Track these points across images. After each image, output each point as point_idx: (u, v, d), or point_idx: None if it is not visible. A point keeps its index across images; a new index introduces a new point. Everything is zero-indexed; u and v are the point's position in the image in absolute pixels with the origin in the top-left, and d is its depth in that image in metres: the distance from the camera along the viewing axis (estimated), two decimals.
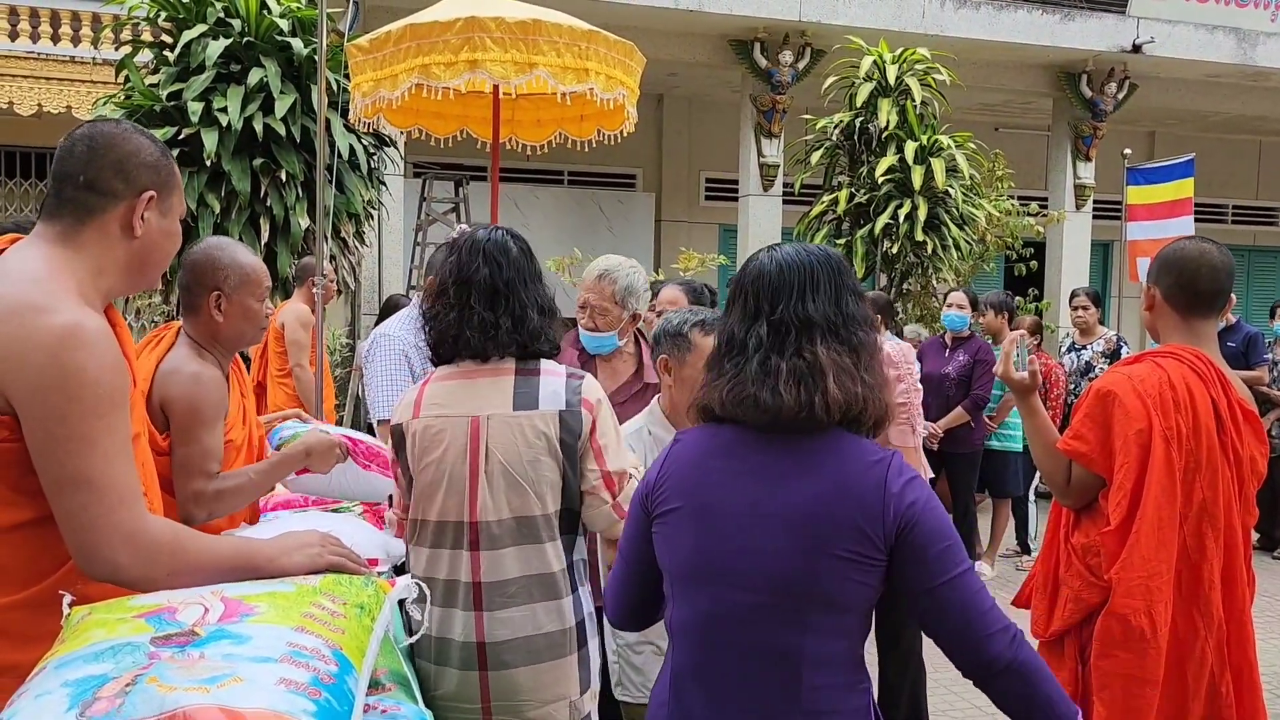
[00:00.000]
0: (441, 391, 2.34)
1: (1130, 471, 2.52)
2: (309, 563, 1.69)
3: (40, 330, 1.54)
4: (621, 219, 12.49)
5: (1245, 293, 13.93)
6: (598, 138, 5.64)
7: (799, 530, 1.65)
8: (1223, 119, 13.40)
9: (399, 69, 4.75)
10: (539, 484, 2.27)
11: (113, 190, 1.71)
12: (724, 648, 1.70)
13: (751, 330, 1.75)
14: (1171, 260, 2.68)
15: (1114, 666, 2.52)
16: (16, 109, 8.88)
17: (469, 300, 2.33)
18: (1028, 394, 2.74)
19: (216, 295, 2.62)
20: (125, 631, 1.38)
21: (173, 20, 6.62)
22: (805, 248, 1.82)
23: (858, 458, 1.69)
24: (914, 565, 1.65)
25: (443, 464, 2.27)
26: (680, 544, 1.76)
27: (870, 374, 1.73)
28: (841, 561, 1.64)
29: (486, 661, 2.25)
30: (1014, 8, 10.51)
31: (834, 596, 1.65)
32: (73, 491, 1.54)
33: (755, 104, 10.43)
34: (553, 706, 2.28)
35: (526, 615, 2.26)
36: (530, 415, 2.28)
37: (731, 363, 1.75)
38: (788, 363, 1.69)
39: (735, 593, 1.69)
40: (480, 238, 2.40)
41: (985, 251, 9.06)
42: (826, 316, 1.73)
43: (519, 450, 2.26)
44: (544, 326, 2.36)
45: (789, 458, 1.71)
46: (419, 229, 9.44)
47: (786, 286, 1.75)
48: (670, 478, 1.80)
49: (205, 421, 2.55)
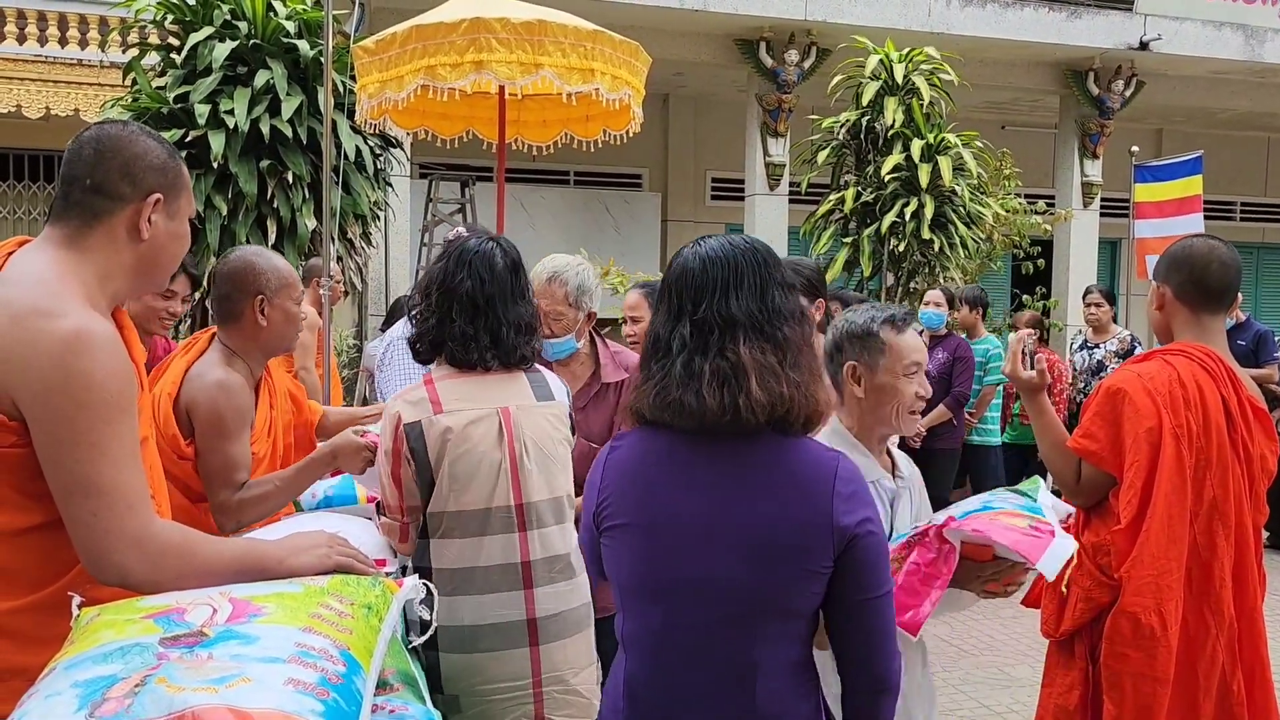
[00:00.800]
0: (458, 388, 2.41)
1: (1140, 469, 2.52)
2: (317, 563, 1.69)
3: (47, 336, 1.54)
4: (627, 219, 12.49)
5: (1254, 290, 13.89)
6: (603, 138, 5.65)
7: (749, 545, 1.63)
8: (1231, 116, 13.35)
9: (405, 70, 4.76)
10: (566, 467, 2.48)
11: (119, 193, 1.70)
12: (678, 659, 1.69)
13: (675, 331, 1.70)
14: (1181, 258, 2.67)
15: (1124, 665, 2.51)
16: (24, 112, 8.91)
17: (450, 310, 2.40)
18: (1036, 392, 2.73)
19: (260, 300, 2.66)
20: (134, 632, 1.39)
21: (179, 23, 6.63)
22: (731, 240, 1.76)
23: (801, 467, 1.66)
24: (852, 576, 1.64)
25: (478, 454, 2.37)
26: (628, 560, 1.73)
27: (797, 371, 1.67)
28: (793, 572, 1.63)
29: (538, 637, 2.38)
30: (1020, 6, 10.48)
31: (786, 606, 1.65)
32: (81, 498, 1.54)
33: (761, 103, 10.42)
34: (586, 672, 2.47)
35: (568, 589, 2.44)
36: (550, 405, 2.49)
37: (658, 364, 1.70)
38: (710, 364, 1.64)
39: (688, 607, 1.67)
40: (469, 248, 2.46)
41: (992, 250, 9.03)
42: (750, 314, 1.67)
43: (549, 435, 2.44)
44: (519, 344, 2.45)
45: (731, 467, 1.67)
46: (425, 230, 9.46)
47: (710, 283, 1.69)
48: (612, 490, 1.76)
49: (228, 431, 2.57)
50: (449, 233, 2.84)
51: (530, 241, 11.21)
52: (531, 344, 2.49)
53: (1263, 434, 2.64)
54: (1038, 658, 3.79)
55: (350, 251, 7.13)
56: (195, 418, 2.58)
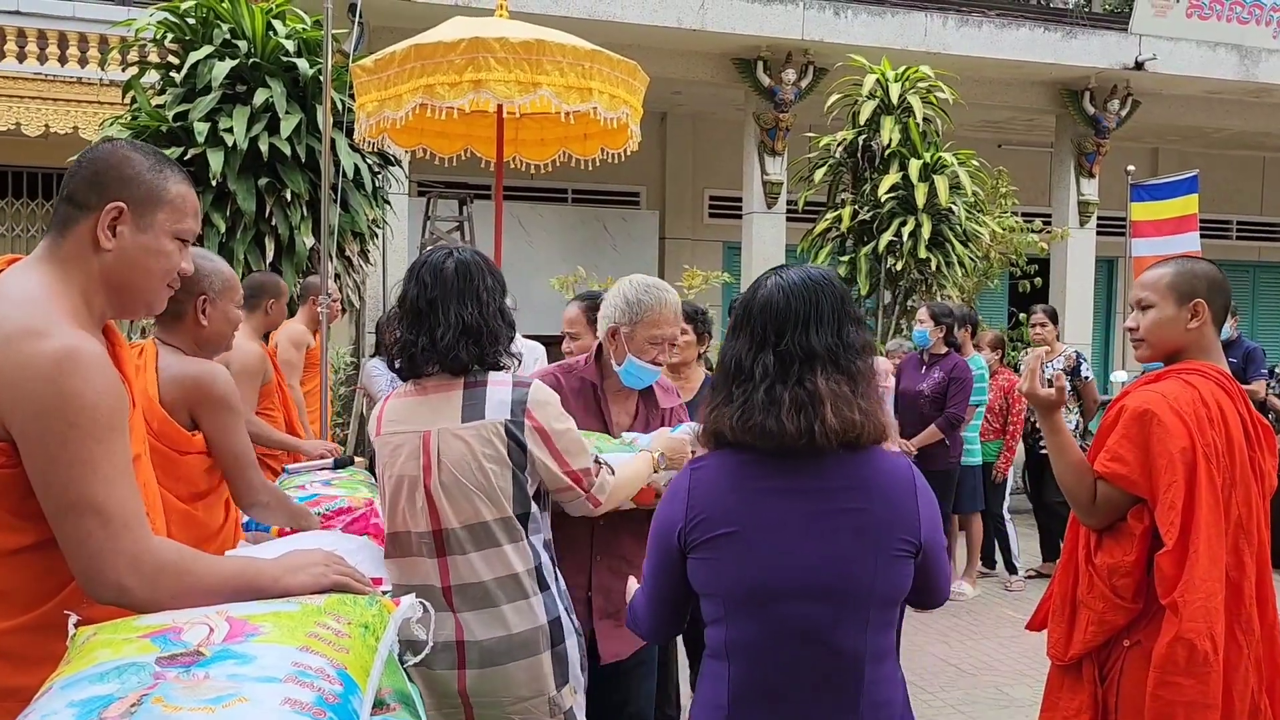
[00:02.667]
0: (399, 408, 2.48)
1: (1179, 490, 2.45)
2: (313, 582, 1.68)
3: (36, 356, 1.53)
4: (625, 237, 12.52)
5: (1250, 308, 13.93)
6: (601, 156, 5.66)
7: (853, 537, 1.78)
8: (1226, 135, 13.42)
9: (403, 89, 4.78)
10: (491, 491, 2.38)
11: (85, 202, 1.69)
12: (788, 660, 1.79)
13: (758, 359, 1.83)
14: (1216, 279, 2.65)
15: (1178, 694, 2.41)
16: (23, 129, 8.93)
17: (400, 322, 2.47)
18: (1053, 410, 2.69)
19: (202, 299, 2.75)
20: (130, 651, 1.38)
21: (179, 41, 6.66)
22: (810, 274, 1.89)
23: (882, 468, 1.84)
24: (929, 553, 1.86)
25: (401, 477, 2.42)
26: (732, 569, 1.81)
27: (866, 399, 1.83)
28: (893, 558, 1.80)
29: (465, 660, 2.40)
30: (1016, 26, 10.55)
31: (888, 591, 1.81)
32: (76, 518, 1.53)
33: (759, 122, 10.47)
34: (531, 702, 2.42)
35: (495, 615, 2.39)
36: (477, 426, 2.38)
37: (739, 389, 1.84)
38: (790, 392, 1.79)
39: (798, 606, 1.78)
40: (420, 260, 2.50)
41: (989, 268, 9.07)
42: (828, 347, 1.82)
43: (467, 460, 2.37)
44: (457, 346, 2.39)
45: (817, 476, 1.81)
46: (423, 247, 9.48)
47: (793, 317, 1.83)
48: (704, 506, 1.84)
49: (238, 410, 2.72)
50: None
51: (528, 259, 11.24)
52: (476, 347, 2.41)
53: (1269, 450, 2.63)
54: (1036, 678, 3.78)
55: (348, 269, 7.14)
56: (202, 408, 2.66)
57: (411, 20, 7.69)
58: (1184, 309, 2.63)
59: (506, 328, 2.50)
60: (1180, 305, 2.63)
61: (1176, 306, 2.64)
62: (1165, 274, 2.67)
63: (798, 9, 9.85)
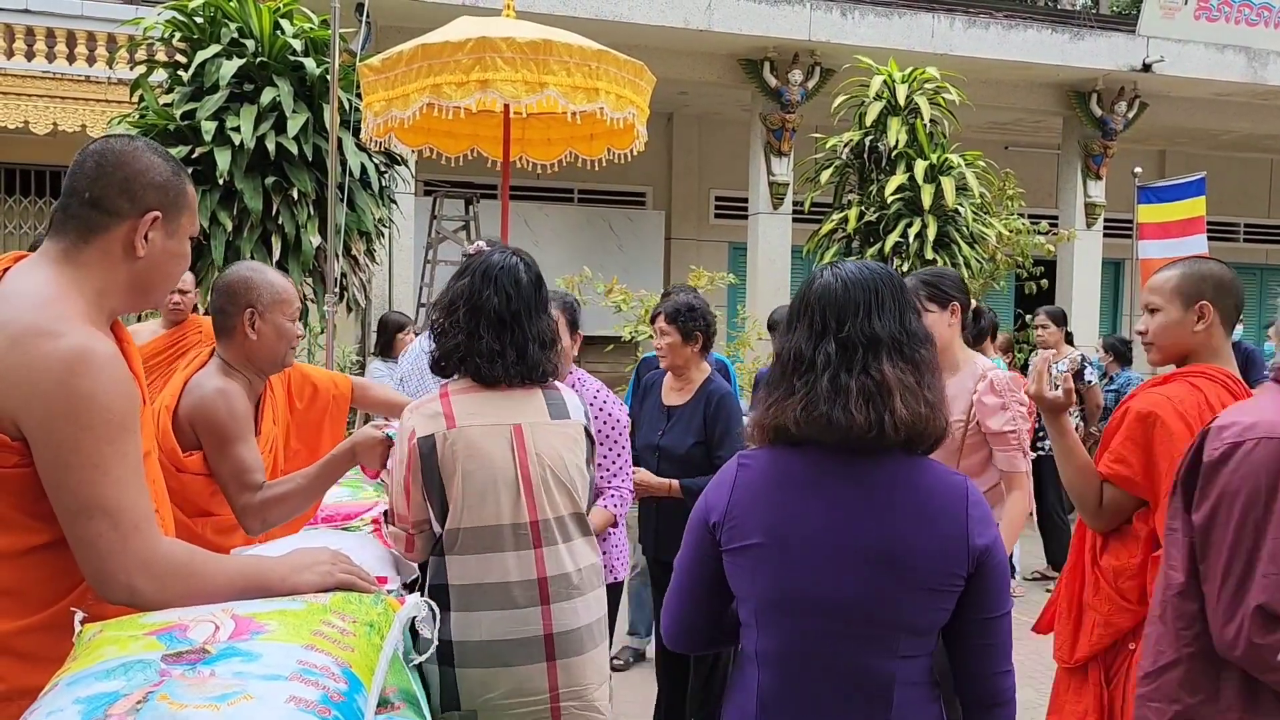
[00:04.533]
0: (473, 403, 2.42)
1: None
2: (319, 581, 1.69)
3: (48, 357, 1.52)
4: (631, 237, 12.51)
5: (1258, 312, 13.87)
6: (607, 156, 5.66)
7: (883, 565, 1.68)
8: (1234, 138, 13.39)
9: (410, 88, 4.78)
10: (575, 485, 2.45)
11: (117, 209, 1.68)
12: (815, 673, 1.73)
13: (820, 348, 1.76)
14: (1223, 280, 2.62)
15: None
16: (32, 128, 8.95)
17: (478, 327, 2.41)
18: (1059, 413, 2.68)
19: (250, 313, 2.66)
20: (136, 649, 1.38)
21: (187, 40, 6.67)
22: (868, 265, 1.83)
23: (933, 488, 1.73)
24: (981, 595, 1.72)
25: (490, 470, 2.37)
26: (763, 576, 1.76)
27: (932, 392, 1.75)
28: (926, 592, 1.69)
29: (555, 652, 2.39)
30: (1023, 27, 10.53)
31: (919, 624, 1.71)
32: (87, 519, 1.53)
33: (765, 122, 10.46)
34: (602, 689, 2.49)
35: (584, 605, 2.44)
36: (566, 424, 2.47)
37: (801, 380, 1.75)
38: (856, 381, 1.71)
39: (824, 622, 1.71)
40: (494, 264, 2.47)
41: (996, 270, 9.04)
42: (892, 334, 1.75)
43: (560, 454, 2.43)
44: (542, 359, 2.47)
45: (861, 487, 1.72)
46: (429, 246, 9.49)
47: (853, 304, 1.76)
48: (742, 507, 1.78)
49: (233, 435, 2.59)
50: (469, 247, 2.84)
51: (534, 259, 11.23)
52: (553, 359, 2.50)
53: None
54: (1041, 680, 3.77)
55: (355, 268, 7.15)
56: (198, 427, 2.60)
57: (418, 20, 7.70)
58: (1190, 311, 2.61)
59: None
60: (1186, 308, 2.62)
61: (1182, 309, 2.62)
62: (1171, 277, 2.66)
63: (804, 10, 9.84)
